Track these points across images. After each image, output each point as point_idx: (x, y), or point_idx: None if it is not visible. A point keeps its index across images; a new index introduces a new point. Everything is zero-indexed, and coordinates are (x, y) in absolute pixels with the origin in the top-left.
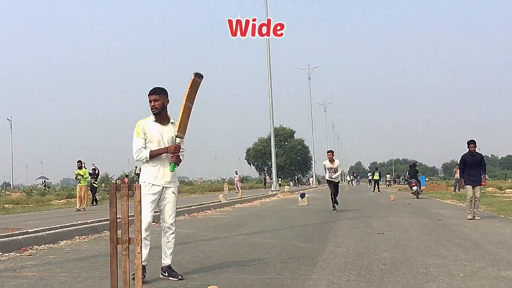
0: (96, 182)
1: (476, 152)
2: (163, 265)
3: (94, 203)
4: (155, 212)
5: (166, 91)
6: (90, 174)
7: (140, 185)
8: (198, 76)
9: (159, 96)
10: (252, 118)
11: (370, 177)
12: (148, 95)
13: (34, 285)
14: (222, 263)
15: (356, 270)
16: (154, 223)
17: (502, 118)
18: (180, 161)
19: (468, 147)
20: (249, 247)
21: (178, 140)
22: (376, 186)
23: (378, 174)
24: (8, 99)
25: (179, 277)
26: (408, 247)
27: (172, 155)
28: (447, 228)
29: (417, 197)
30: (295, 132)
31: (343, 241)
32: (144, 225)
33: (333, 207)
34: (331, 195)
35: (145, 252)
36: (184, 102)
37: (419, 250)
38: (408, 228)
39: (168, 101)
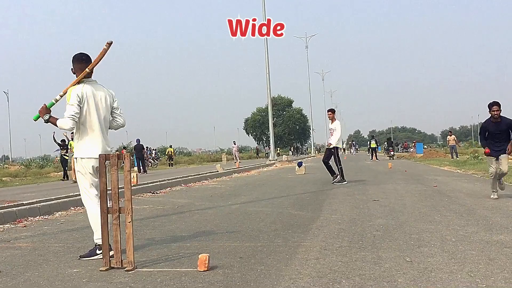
0: (67, 154)
1: (502, 117)
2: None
3: (65, 178)
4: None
5: (75, 59)
6: (59, 144)
7: (129, 154)
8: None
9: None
10: (250, 88)
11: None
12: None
13: (27, 256)
14: (215, 231)
15: (349, 237)
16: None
17: (507, 85)
18: (44, 114)
19: (489, 111)
20: (243, 215)
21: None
22: (374, 154)
23: (374, 142)
24: (5, 72)
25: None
26: (402, 213)
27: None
28: (442, 194)
29: (392, 158)
30: (293, 101)
31: (338, 209)
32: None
33: (332, 175)
34: (324, 163)
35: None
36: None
37: (413, 216)
38: (404, 195)
39: (73, 69)
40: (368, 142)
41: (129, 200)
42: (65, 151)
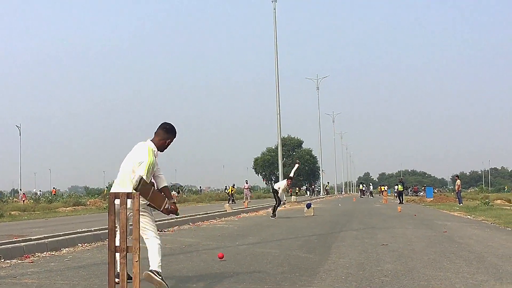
0: None
1: None
2: None
3: None
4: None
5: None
6: None
7: (138, 193)
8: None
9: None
10: (261, 127)
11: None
12: (175, 135)
13: None
14: (223, 272)
15: (357, 282)
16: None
17: None
18: None
19: None
20: (251, 257)
21: None
22: (401, 197)
23: (401, 185)
24: (18, 106)
25: None
26: (411, 259)
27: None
28: (452, 241)
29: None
30: (303, 142)
31: (346, 252)
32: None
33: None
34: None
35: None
36: None
37: (422, 262)
38: (413, 240)
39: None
40: (396, 186)
41: (137, 239)
42: None
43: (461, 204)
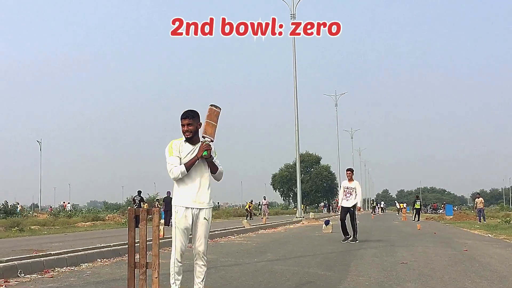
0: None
1: None
2: None
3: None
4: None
5: (198, 114)
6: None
7: (159, 209)
8: (215, 107)
9: (192, 120)
10: (279, 144)
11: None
12: (181, 119)
13: None
14: None
15: None
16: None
17: None
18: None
19: None
20: (269, 274)
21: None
22: (417, 214)
23: (419, 202)
24: (39, 121)
25: None
26: (431, 278)
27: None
28: (473, 259)
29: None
30: (321, 158)
31: (366, 270)
32: (178, 254)
33: (345, 236)
34: (341, 221)
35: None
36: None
37: (443, 281)
38: (433, 258)
39: (200, 124)
40: (413, 202)
41: (157, 255)
42: None
43: (481, 222)
